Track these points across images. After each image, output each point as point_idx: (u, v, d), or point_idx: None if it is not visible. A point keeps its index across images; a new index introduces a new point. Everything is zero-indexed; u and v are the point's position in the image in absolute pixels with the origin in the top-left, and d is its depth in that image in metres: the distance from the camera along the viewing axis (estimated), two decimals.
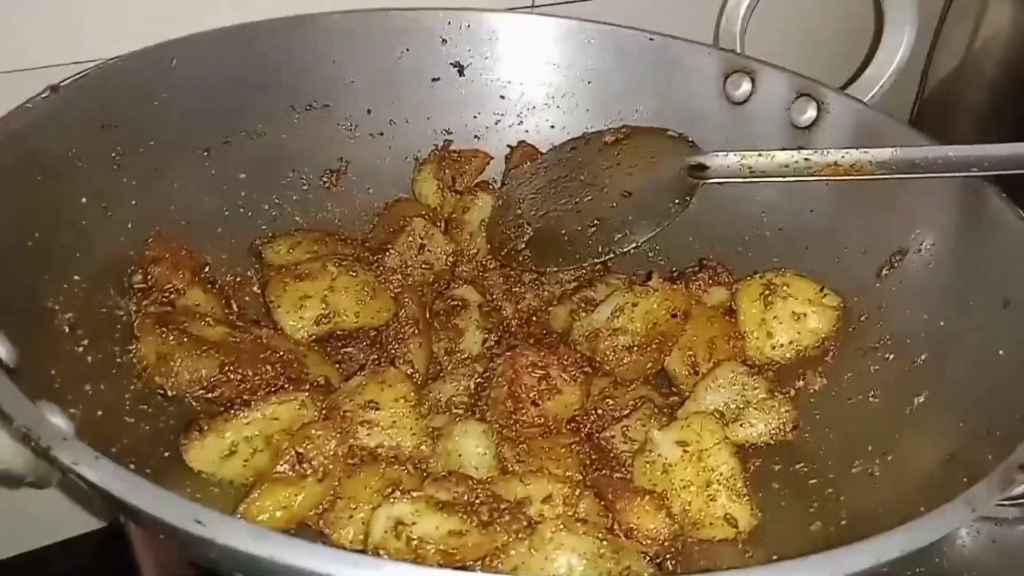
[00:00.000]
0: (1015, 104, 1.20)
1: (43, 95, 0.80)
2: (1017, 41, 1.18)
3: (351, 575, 0.48)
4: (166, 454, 0.73)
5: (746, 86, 1.03)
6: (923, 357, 0.80)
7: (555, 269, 0.95)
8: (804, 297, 0.89)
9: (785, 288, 0.89)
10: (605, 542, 0.64)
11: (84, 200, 0.82)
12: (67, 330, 0.73)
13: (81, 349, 0.74)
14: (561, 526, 0.64)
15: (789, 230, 0.99)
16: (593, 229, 0.93)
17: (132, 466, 0.67)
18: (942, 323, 0.80)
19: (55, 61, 0.89)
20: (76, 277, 0.77)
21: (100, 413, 0.70)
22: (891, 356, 0.83)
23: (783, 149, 0.92)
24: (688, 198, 0.92)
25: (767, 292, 0.90)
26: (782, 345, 0.89)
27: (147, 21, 0.93)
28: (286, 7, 0.99)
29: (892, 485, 0.72)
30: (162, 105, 0.90)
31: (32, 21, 0.89)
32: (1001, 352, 0.72)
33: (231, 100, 0.97)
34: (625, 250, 0.91)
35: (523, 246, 0.95)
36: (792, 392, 0.87)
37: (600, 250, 0.91)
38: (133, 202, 0.86)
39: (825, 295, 0.89)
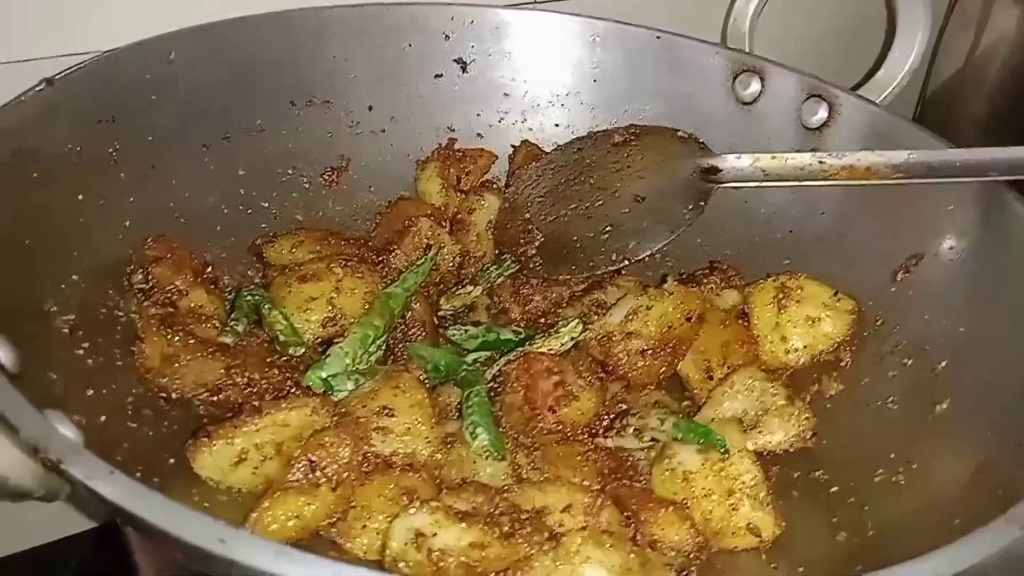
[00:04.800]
0: (1019, 109, 1.19)
1: (37, 88, 0.78)
2: (1021, 46, 1.17)
3: None
4: (170, 460, 0.70)
5: (755, 86, 1.01)
6: (943, 364, 0.79)
7: (567, 277, 0.92)
8: (818, 301, 0.87)
9: (799, 291, 0.88)
10: (632, 555, 0.62)
11: (80, 197, 0.79)
12: (67, 333, 0.71)
13: (82, 352, 0.71)
14: (588, 538, 0.61)
15: (799, 232, 0.98)
16: (606, 236, 0.91)
17: (138, 474, 0.65)
18: (962, 329, 0.79)
19: (49, 53, 0.86)
20: (74, 277, 0.74)
21: (102, 419, 0.67)
22: (909, 361, 0.82)
23: (797, 151, 0.91)
24: (702, 203, 0.90)
25: (780, 295, 0.88)
26: (796, 350, 0.87)
27: (145, 13, 0.89)
28: (286, 0, 0.96)
29: (919, 495, 0.70)
30: (160, 99, 0.88)
31: (25, 12, 0.86)
32: None
33: (230, 95, 0.94)
34: (640, 258, 0.89)
35: (533, 252, 0.93)
36: (808, 398, 0.85)
37: (614, 258, 0.89)
38: (130, 199, 0.84)
39: (839, 299, 0.87)
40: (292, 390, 0.76)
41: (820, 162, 0.89)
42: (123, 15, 0.90)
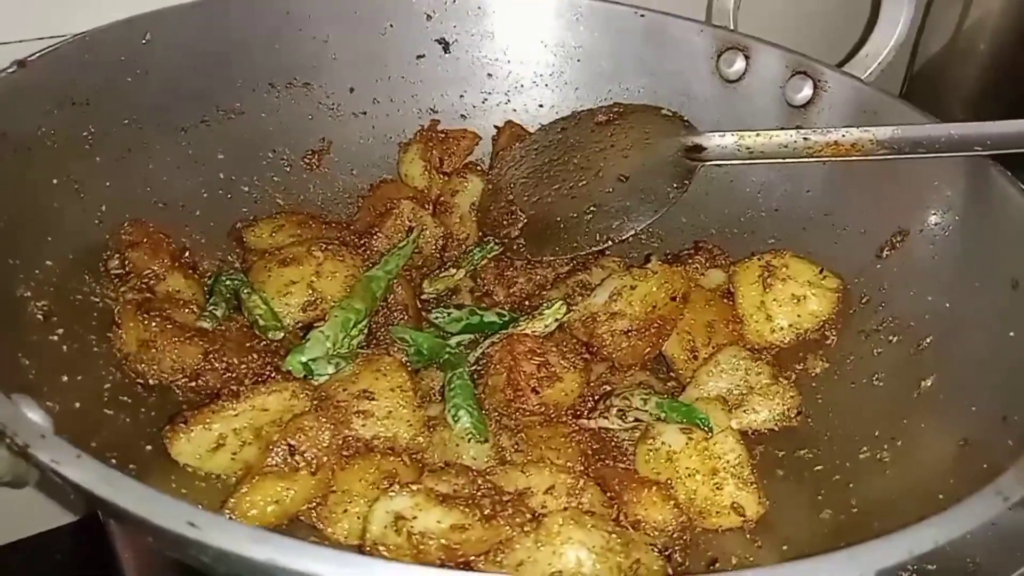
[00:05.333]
0: (1006, 83, 1.18)
1: (10, 70, 0.76)
2: (1009, 20, 1.16)
3: None
4: (148, 447, 0.69)
5: (740, 64, 1.00)
6: (929, 340, 0.78)
7: (551, 259, 0.92)
8: (803, 279, 0.87)
9: (784, 270, 0.87)
10: (614, 535, 0.61)
11: (55, 181, 0.78)
12: (41, 318, 0.70)
13: (56, 338, 0.70)
14: (569, 519, 0.61)
15: (785, 211, 0.97)
16: (590, 216, 0.90)
17: (114, 461, 0.64)
18: (948, 305, 0.79)
19: (22, 36, 0.85)
20: (48, 263, 0.73)
21: (77, 405, 0.67)
22: (895, 339, 0.81)
23: (781, 128, 0.90)
24: (686, 181, 0.90)
25: (766, 274, 0.88)
26: (782, 328, 0.87)
27: None
28: None
29: (904, 472, 0.70)
30: (136, 81, 0.86)
31: None
32: (1012, 334, 0.70)
33: (208, 77, 0.93)
34: (624, 238, 0.89)
35: (517, 234, 0.92)
36: (793, 376, 0.84)
37: (598, 238, 0.89)
38: (107, 183, 0.82)
39: (825, 277, 0.87)
40: (272, 375, 0.75)
41: (805, 139, 0.88)
42: None
